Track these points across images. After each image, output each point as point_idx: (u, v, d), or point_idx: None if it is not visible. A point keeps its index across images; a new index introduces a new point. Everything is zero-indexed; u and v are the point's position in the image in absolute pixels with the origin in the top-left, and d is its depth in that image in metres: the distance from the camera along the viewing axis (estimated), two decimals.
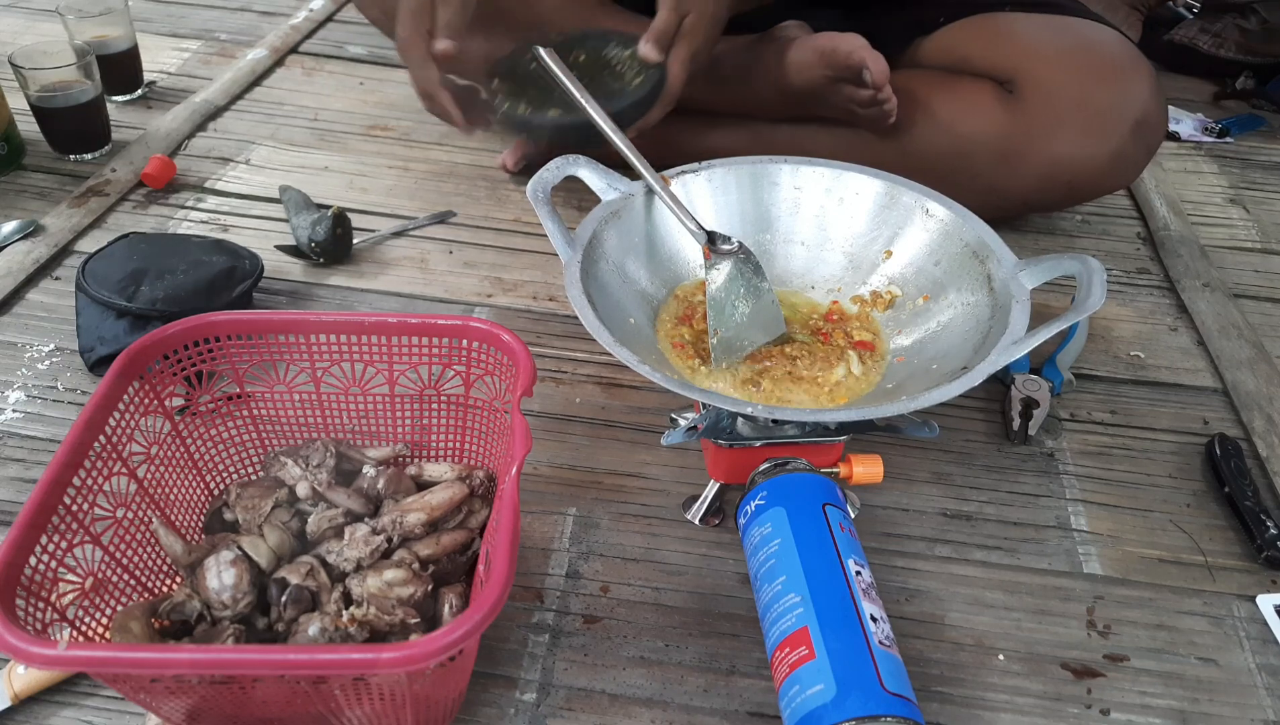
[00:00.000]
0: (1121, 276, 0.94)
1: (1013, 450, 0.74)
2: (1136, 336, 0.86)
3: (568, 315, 0.84)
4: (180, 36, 1.27)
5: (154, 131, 1.04)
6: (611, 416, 0.74)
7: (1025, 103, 0.86)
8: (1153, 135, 0.87)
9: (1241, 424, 0.77)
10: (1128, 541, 0.67)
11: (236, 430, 0.61)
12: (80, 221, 0.90)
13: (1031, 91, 0.86)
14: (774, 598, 0.53)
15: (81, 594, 0.48)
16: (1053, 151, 0.85)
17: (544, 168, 0.67)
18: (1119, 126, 0.84)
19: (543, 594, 0.61)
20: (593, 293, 0.61)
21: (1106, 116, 0.84)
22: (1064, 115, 0.85)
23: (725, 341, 0.65)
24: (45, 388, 0.73)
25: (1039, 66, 0.86)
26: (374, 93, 1.18)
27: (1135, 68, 0.85)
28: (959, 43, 0.93)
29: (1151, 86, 0.85)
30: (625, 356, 0.56)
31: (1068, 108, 0.84)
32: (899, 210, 0.71)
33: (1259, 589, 0.64)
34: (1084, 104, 0.84)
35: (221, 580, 0.51)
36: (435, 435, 0.63)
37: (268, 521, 0.56)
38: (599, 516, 0.66)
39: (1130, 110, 0.84)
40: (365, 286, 0.85)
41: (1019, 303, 0.61)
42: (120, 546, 0.52)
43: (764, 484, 0.59)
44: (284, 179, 0.98)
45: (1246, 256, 0.99)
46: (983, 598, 0.63)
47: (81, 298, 0.75)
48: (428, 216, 0.95)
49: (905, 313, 0.69)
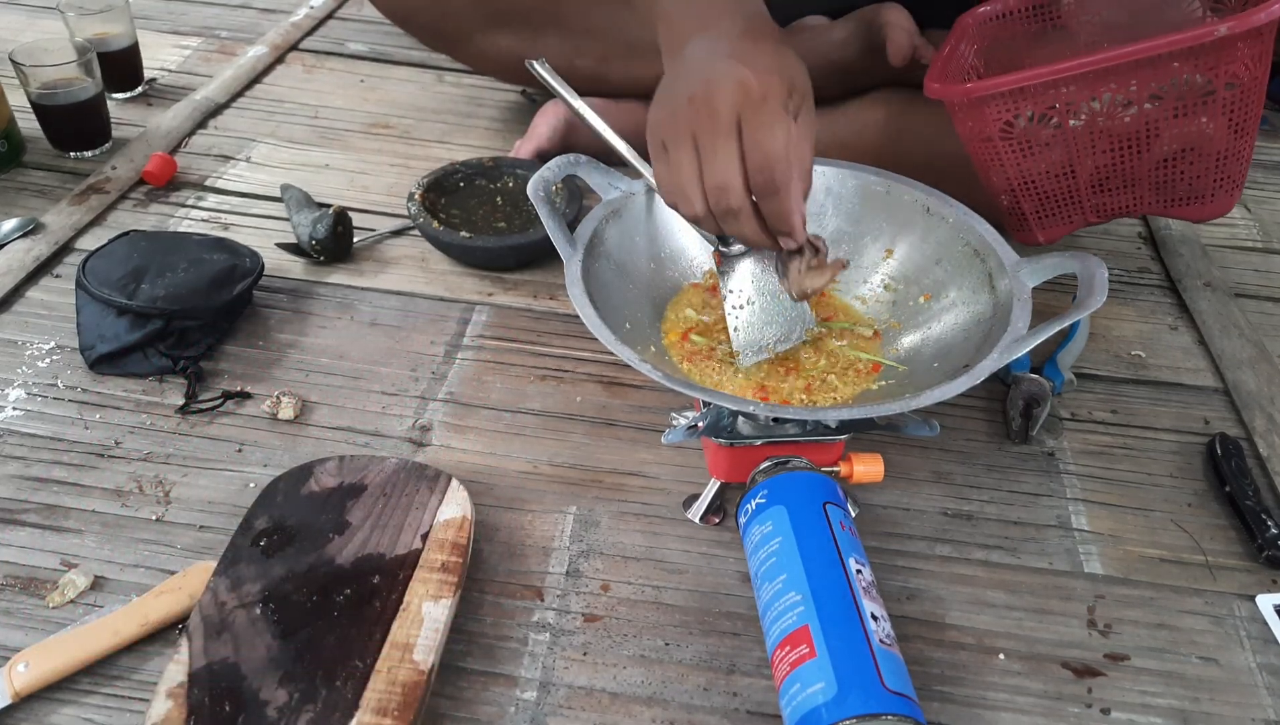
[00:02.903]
0: (1122, 275, 0.94)
1: (1013, 449, 0.73)
2: (1137, 336, 0.86)
3: (568, 314, 0.84)
4: (181, 34, 1.27)
5: (154, 129, 1.04)
6: (612, 415, 0.74)
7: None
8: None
9: (1242, 423, 0.77)
10: (1129, 541, 0.67)
11: None
12: (81, 219, 0.90)
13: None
14: (774, 596, 0.53)
15: None
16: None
17: (545, 166, 0.67)
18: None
19: (543, 592, 0.61)
20: (594, 291, 0.61)
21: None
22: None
23: (748, 342, 0.65)
24: (46, 386, 0.73)
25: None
26: (375, 90, 1.18)
27: None
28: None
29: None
30: (626, 355, 0.56)
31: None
32: (900, 209, 0.71)
33: (1260, 588, 0.64)
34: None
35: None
36: None
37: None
38: (599, 515, 0.66)
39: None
40: (366, 285, 0.85)
41: (1020, 301, 0.61)
42: None
43: (764, 483, 0.59)
44: (285, 177, 0.98)
45: (1248, 256, 0.99)
46: (983, 597, 0.63)
47: (81, 295, 0.75)
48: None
49: (906, 312, 0.69)
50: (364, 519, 0.60)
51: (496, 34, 0.98)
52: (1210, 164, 0.73)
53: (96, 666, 0.54)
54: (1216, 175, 0.74)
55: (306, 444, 0.70)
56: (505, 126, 1.12)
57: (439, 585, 0.56)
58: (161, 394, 0.72)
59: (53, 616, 0.57)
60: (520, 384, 0.76)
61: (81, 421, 0.70)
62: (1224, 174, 0.74)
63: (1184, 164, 0.74)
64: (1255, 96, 0.69)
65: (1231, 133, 0.71)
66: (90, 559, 0.60)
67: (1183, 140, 0.71)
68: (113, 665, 0.54)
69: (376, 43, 1.28)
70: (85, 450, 0.68)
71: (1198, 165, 0.74)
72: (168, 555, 0.61)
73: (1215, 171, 0.74)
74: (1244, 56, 0.66)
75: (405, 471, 0.63)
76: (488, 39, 0.99)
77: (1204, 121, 0.70)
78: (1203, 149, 0.72)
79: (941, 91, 0.73)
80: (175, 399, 0.72)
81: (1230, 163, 0.73)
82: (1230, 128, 0.71)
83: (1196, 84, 0.68)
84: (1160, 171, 0.75)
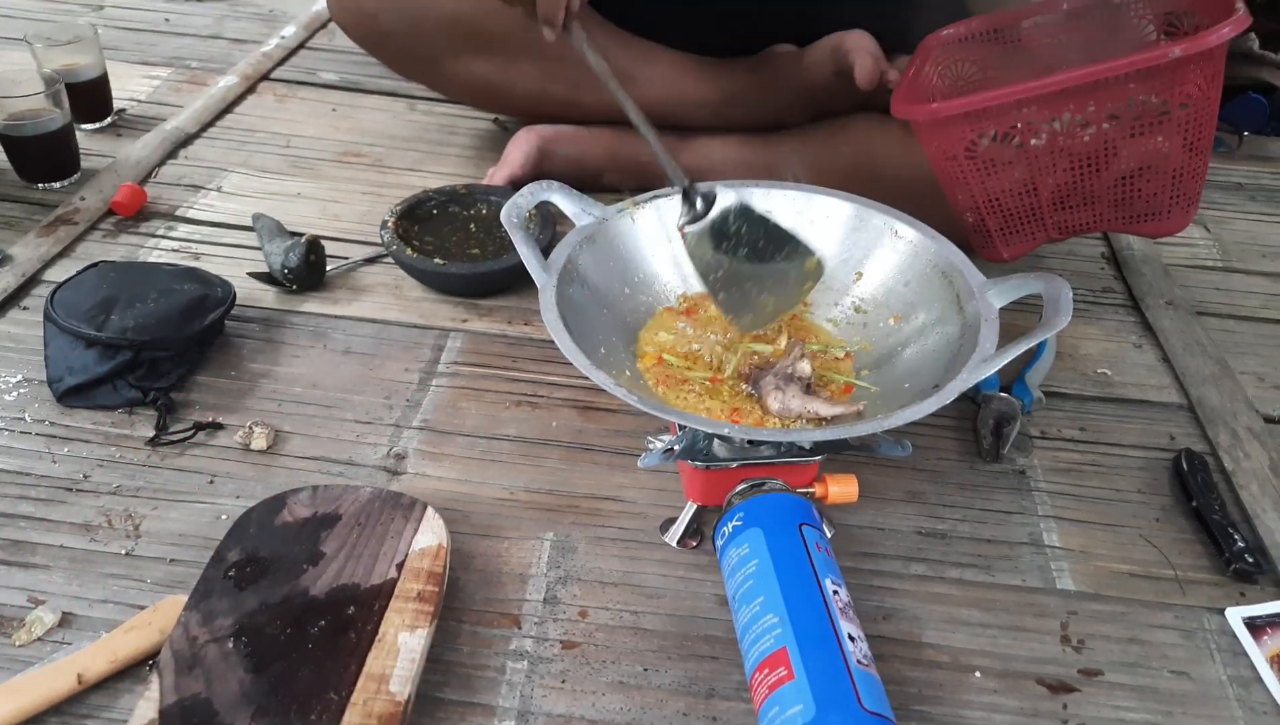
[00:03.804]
0: (1087, 295, 0.96)
1: (985, 468, 0.74)
2: (1103, 354, 0.88)
3: (543, 340, 0.84)
4: (151, 64, 1.27)
5: (124, 159, 1.03)
6: (588, 440, 0.74)
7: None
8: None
9: (1207, 439, 0.78)
10: (1099, 556, 0.68)
11: None
12: (48, 251, 0.89)
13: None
14: (752, 619, 0.53)
15: None
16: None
17: (518, 193, 0.68)
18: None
19: (520, 620, 0.60)
20: (568, 316, 0.61)
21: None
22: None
23: (737, 306, 0.66)
24: (13, 419, 0.71)
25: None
26: (346, 119, 1.18)
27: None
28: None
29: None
30: (601, 379, 0.56)
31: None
32: (869, 232, 0.72)
33: (1228, 602, 0.65)
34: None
35: None
36: None
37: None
38: (576, 540, 0.66)
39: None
40: (339, 313, 0.85)
41: (987, 322, 0.62)
42: None
43: (740, 505, 0.59)
44: (256, 206, 0.98)
45: (1208, 275, 1.01)
46: (958, 615, 0.63)
47: (50, 327, 0.74)
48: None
49: (877, 333, 0.70)
50: (338, 549, 0.59)
51: (469, 60, 0.99)
52: (1166, 181, 0.76)
53: (65, 705, 0.53)
54: (1173, 192, 0.77)
55: (280, 474, 0.69)
56: (478, 154, 1.12)
57: (415, 615, 0.56)
58: (131, 426, 0.72)
59: (19, 654, 0.56)
60: (495, 410, 0.76)
61: (49, 455, 0.69)
62: (1180, 191, 0.77)
63: (1141, 181, 0.76)
64: (1208, 117, 0.72)
65: (1187, 151, 0.73)
66: (58, 595, 0.59)
67: (1140, 159, 0.74)
68: (81, 704, 0.53)
69: (348, 72, 1.29)
70: (53, 484, 0.67)
71: (1154, 183, 0.76)
72: (138, 590, 0.60)
73: (1171, 189, 0.76)
74: (1196, 78, 0.69)
75: (380, 500, 0.63)
76: (460, 64, 0.99)
77: (1160, 141, 0.72)
78: (1159, 167, 0.74)
79: (908, 111, 0.75)
80: (145, 431, 0.71)
81: (1186, 181, 0.76)
82: (1185, 147, 0.73)
83: (1152, 104, 0.70)
84: (1119, 189, 0.77)
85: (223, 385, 0.76)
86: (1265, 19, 1.36)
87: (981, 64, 0.87)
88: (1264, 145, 1.28)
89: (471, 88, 1.03)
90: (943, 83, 0.86)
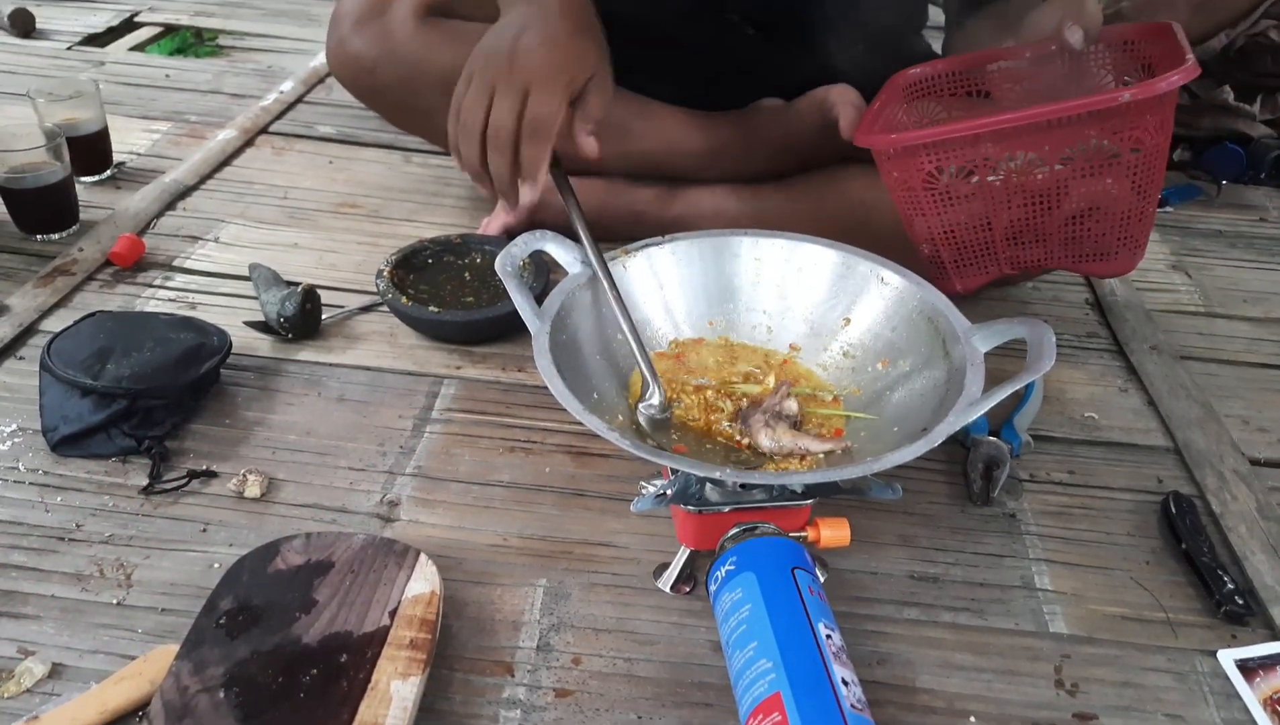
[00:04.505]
0: (1072, 340, 0.97)
1: (975, 512, 0.75)
2: (1089, 398, 0.89)
3: (536, 386, 0.84)
4: (151, 118, 1.29)
5: (123, 211, 1.05)
6: (581, 485, 0.75)
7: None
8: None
9: (1194, 482, 0.79)
10: (1091, 599, 0.68)
11: None
12: (46, 301, 0.89)
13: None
14: (746, 664, 0.53)
15: None
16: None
17: (512, 243, 0.69)
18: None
19: (513, 668, 0.60)
20: (561, 363, 0.62)
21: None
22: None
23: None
24: (6, 469, 0.72)
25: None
26: (344, 171, 1.20)
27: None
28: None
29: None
30: (594, 424, 0.57)
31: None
32: (855, 279, 0.74)
33: (1220, 644, 0.65)
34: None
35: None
36: None
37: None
38: (570, 587, 0.66)
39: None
40: (334, 361, 0.86)
41: (973, 366, 0.63)
42: None
43: (733, 549, 0.59)
44: (253, 256, 0.99)
45: (1191, 320, 1.03)
46: (952, 659, 0.63)
47: (45, 377, 0.75)
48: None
49: (865, 377, 0.71)
50: (331, 597, 0.59)
51: None
52: (1115, 223, 0.78)
53: None
54: (1120, 234, 0.79)
55: (273, 522, 0.69)
56: (473, 205, 1.14)
57: (407, 663, 0.55)
58: (125, 475, 0.72)
59: (7, 707, 0.55)
60: (489, 456, 0.77)
61: (42, 504, 0.69)
62: (1127, 233, 0.79)
63: (1091, 222, 0.78)
64: (1157, 162, 0.74)
65: (1135, 195, 0.76)
66: (48, 646, 0.59)
67: (1089, 199, 0.76)
68: None
69: (345, 125, 1.31)
70: (45, 534, 0.67)
71: (1103, 224, 0.78)
72: (128, 640, 0.60)
73: (1120, 231, 0.78)
74: (1147, 124, 0.71)
75: (373, 547, 0.63)
76: None
77: (1109, 183, 0.75)
78: (1108, 209, 0.77)
79: (870, 141, 0.77)
80: (139, 479, 0.71)
81: (1134, 223, 0.78)
82: (1134, 190, 0.75)
83: (1103, 147, 0.72)
84: (1069, 228, 0.79)
85: (217, 433, 0.77)
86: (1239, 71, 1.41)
87: (946, 102, 0.90)
88: (1242, 193, 1.31)
89: None
90: (908, 118, 0.88)
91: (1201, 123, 1.40)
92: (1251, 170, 1.33)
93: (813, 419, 0.69)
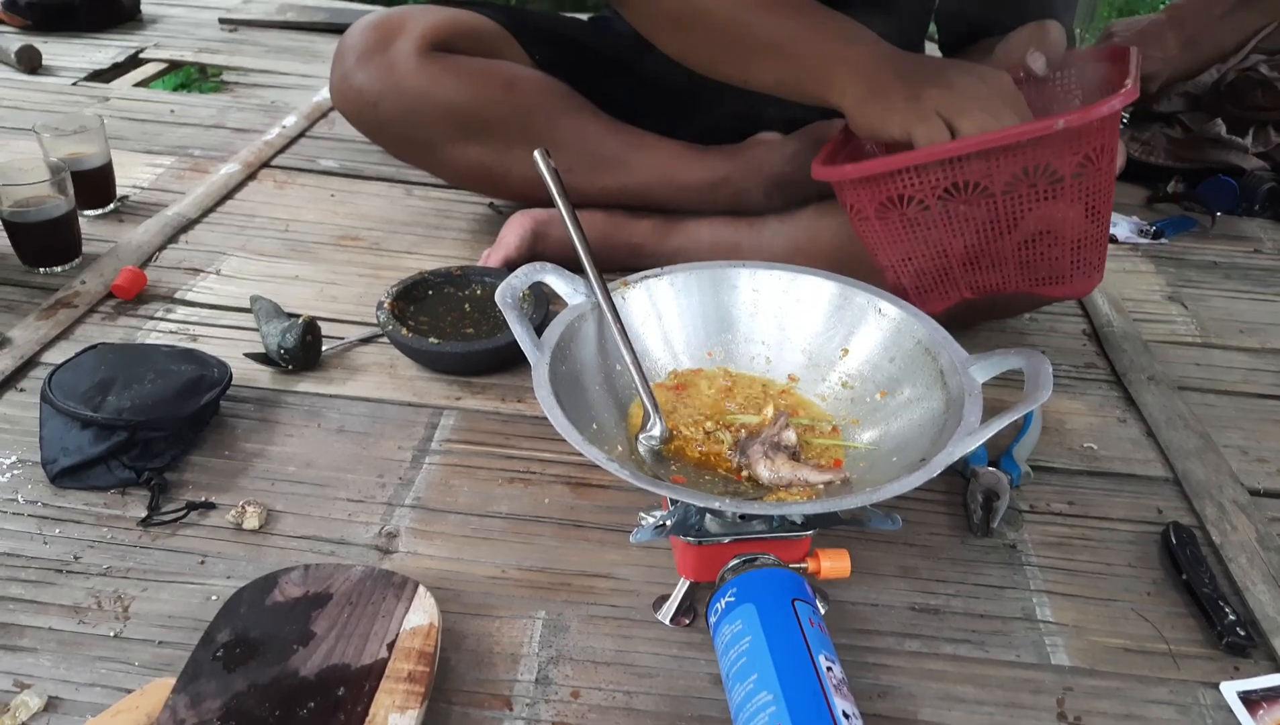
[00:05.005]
0: (1070, 371, 0.98)
1: (975, 543, 0.75)
2: (1088, 429, 0.89)
3: (535, 416, 0.85)
4: (154, 153, 1.31)
5: (125, 244, 1.06)
6: (580, 516, 0.75)
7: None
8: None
9: (1194, 512, 0.79)
10: (1092, 631, 0.68)
11: None
12: (47, 333, 0.90)
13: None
14: (746, 697, 0.53)
15: None
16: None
17: (512, 274, 0.70)
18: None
19: (512, 701, 0.60)
20: (561, 393, 0.62)
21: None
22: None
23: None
24: (5, 500, 0.71)
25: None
26: (345, 204, 1.21)
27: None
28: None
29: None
30: (594, 454, 0.57)
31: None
32: (853, 310, 0.74)
33: (1222, 675, 0.65)
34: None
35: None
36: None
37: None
38: (569, 619, 0.66)
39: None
40: (334, 392, 0.86)
41: (971, 396, 0.63)
42: None
43: (733, 581, 0.59)
44: (254, 289, 1.00)
45: (1188, 350, 1.04)
46: (954, 692, 0.63)
47: (46, 409, 0.75)
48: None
49: (864, 408, 0.71)
50: (329, 629, 0.59)
51: (466, 146, 1.02)
52: (1068, 247, 0.78)
53: None
54: (1074, 257, 0.79)
55: (271, 554, 0.69)
56: (473, 237, 1.15)
57: (405, 696, 0.55)
58: (124, 506, 0.72)
59: None
60: (488, 487, 0.77)
61: (40, 536, 0.69)
62: (1081, 257, 0.79)
63: (1044, 246, 0.79)
64: (1105, 186, 0.75)
65: (1088, 219, 0.76)
66: (45, 678, 0.58)
67: (1040, 223, 0.77)
68: None
69: (347, 159, 1.33)
70: (43, 566, 0.66)
71: (1056, 248, 0.78)
72: (125, 673, 0.59)
73: (1072, 254, 0.79)
74: (1087, 147, 0.72)
75: (371, 579, 0.63)
76: (458, 150, 1.03)
77: (1059, 207, 0.75)
78: (1060, 232, 0.77)
79: (824, 173, 0.77)
80: (137, 511, 0.71)
81: (1087, 247, 0.79)
82: (1086, 214, 0.76)
83: (1046, 172, 0.73)
84: (1023, 252, 0.79)
85: (216, 465, 0.77)
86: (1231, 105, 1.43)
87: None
88: (1235, 225, 1.33)
89: (468, 173, 1.06)
90: (876, 148, 0.89)
91: (1195, 155, 1.42)
92: (1245, 202, 1.35)
93: (812, 449, 0.69)
